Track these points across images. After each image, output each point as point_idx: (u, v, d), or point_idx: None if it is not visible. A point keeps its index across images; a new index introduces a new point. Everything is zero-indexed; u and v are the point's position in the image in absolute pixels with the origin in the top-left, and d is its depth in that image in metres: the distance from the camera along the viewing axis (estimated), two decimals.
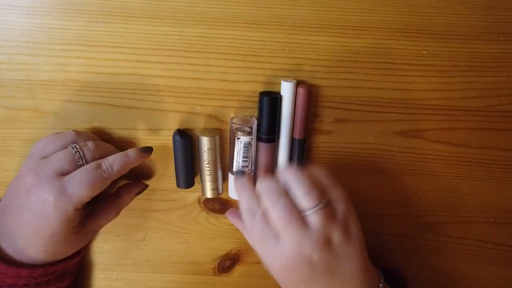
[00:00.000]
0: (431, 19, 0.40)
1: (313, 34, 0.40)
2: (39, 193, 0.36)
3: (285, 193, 0.36)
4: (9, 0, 0.39)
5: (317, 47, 0.41)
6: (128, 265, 0.50)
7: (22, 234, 0.37)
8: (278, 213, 0.35)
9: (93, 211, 0.41)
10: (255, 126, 0.42)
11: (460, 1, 0.39)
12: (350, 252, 0.36)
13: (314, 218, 0.35)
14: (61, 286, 0.41)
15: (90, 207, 0.39)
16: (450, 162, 0.45)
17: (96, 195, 0.38)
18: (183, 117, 0.44)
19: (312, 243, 0.34)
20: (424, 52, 0.41)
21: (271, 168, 0.44)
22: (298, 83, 0.42)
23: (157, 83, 0.42)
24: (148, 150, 0.41)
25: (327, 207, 0.35)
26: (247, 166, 0.43)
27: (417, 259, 0.50)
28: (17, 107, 0.43)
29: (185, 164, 0.44)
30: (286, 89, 0.41)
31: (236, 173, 0.40)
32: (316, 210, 0.35)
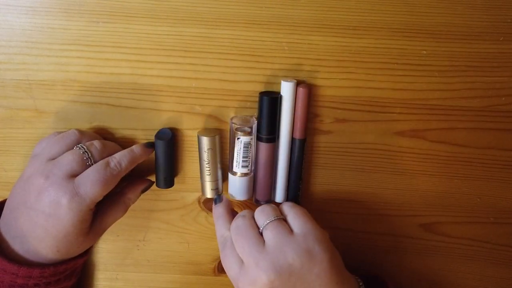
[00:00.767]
0: (431, 19, 0.40)
1: (313, 34, 0.40)
2: (51, 195, 0.36)
3: (250, 217, 0.39)
4: (9, 0, 0.39)
5: (317, 47, 0.41)
6: (128, 265, 0.50)
7: (34, 235, 0.37)
8: (238, 237, 0.37)
9: (101, 211, 0.41)
10: (255, 126, 0.42)
11: (460, 1, 0.39)
12: (315, 272, 0.35)
13: (268, 232, 0.37)
14: (68, 285, 0.42)
15: (97, 206, 0.40)
16: (450, 162, 0.45)
17: (106, 193, 0.38)
18: (183, 117, 0.44)
19: (269, 265, 0.35)
20: (424, 52, 0.41)
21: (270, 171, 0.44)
22: (298, 83, 0.42)
23: (157, 83, 0.42)
24: (152, 145, 0.42)
25: (278, 220, 0.37)
26: (247, 166, 0.43)
27: (417, 259, 0.50)
28: (17, 107, 0.43)
29: (163, 164, 0.43)
30: (286, 89, 0.41)
31: (214, 201, 0.43)
32: (268, 225, 0.37)
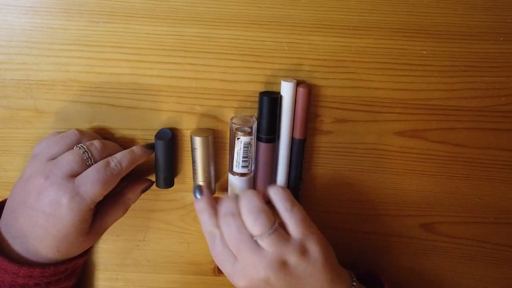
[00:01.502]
0: (431, 19, 0.40)
1: (313, 34, 0.40)
2: (51, 195, 0.36)
3: (239, 216, 0.37)
4: (9, 0, 0.39)
5: (317, 47, 0.41)
6: (128, 265, 0.50)
7: (34, 235, 0.37)
8: (231, 237, 0.36)
9: (101, 211, 0.41)
10: (255, 126, 0.42)
11: (460, 1, 0.39)
12: (309, 271, 0.36)
13: (265, 243, 0.36)
14: (68, 285, 0.42)
15: (97, 206, 0.40)
16: (450, 162, 0.45)
17: (107, 193, 0.38)
18: (183, 117, 0.44)
19: (266, 265, 0.35)
20: (424, 52, 0.41)
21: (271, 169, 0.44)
22: (298, 83, 0.42)
23: (157, 83, 0.42)
24: (152, 147, 0.42)
25: (277, 232, 0.36)
26: (247, 166, 0.43)
27: (417, 259, 0.50)
28: (17, 107, 0.43)
29: (163, 165, 0.43)
30: (286, 89, 0.41)
31: (194, 191, 0.41)
32: (265, 237, 0.36)
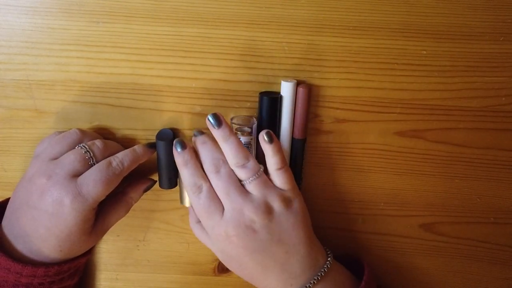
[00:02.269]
0: (431, 19, 0.40)
1: (313, 34, 0.40)
2: (54, 195, 0.36)
3: (226, 163, 0.38)
4: (9, 0, 0.39)
5: (317, 47, 0.41)
6: (128, 265, 0.50)
7: (37, 235, 0.37)
8: (219, 183, 0.37)
9: (103, 210, 0.41)
10: (255, 126, 0.42)
11: (460, 1, 0.39)
12: (291, 222, 0.38)
13: (252, 187, 0.38)
14: (71, 284, 0.42)
15: (99, 206, 0.40)
16: (450, 162, 0.45)
17: (109, 193, 0.38)
18: (183, 117, 0.44)
19: (252, 208, 0.37)
20: (424, 52, 0.41)
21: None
22: (298, 83, 0.42)
23: (157, 83, 0.42)
24: (154, 146, 0.42)
25: (263, 176, 0.38)
26: None
27: (417, 259, 0.50)
28: (17, 107, 0.43)
29: (166, 165, 0.43)
30: (286, 89, 0.41)
31: (175, 145, 0.39)
32: (252, 180, 0.38)
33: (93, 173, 0.37)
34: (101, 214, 0.41)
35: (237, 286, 0.51)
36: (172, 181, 0.44)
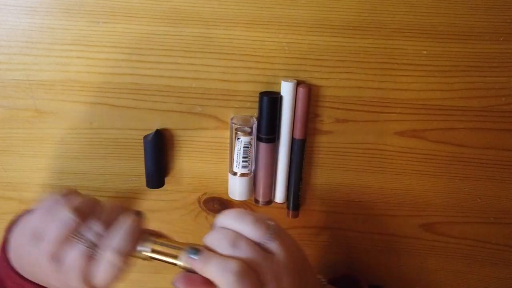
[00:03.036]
0: (431, 19, 0.40)
1: (313, 34, 0.40)
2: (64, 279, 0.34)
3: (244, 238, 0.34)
4: (9, 0, 0.39)
5: (317, 47, 0.41)
6: (128, 265, 0.50)
7: (43, 273, 0.35)
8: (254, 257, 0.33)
9: None
10: (255, 126, 0.42)
11: (460, 1, 0.39)
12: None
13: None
14: None
15: None
16: (450, 162, 0.45)
17: None
18: (183, 117, 0.44)
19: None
20: (424, 52, 0.41)
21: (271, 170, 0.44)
22: (298, 83, 0.42)
23: (157, 83, 0.42)
24: (139, 213, 0.37)
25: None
26: (247, 166, 0.43)
27: (417, 259, 0.50)
28: (17, 107, 0.43)
29: (153, 164, 0.43)
30: (286, 89, 0.41)
31: (189, 252, 0.33)
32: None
33: (101, 272, 0.33)
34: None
35: None
36: (160, 180, 0.44)
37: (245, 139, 0.41)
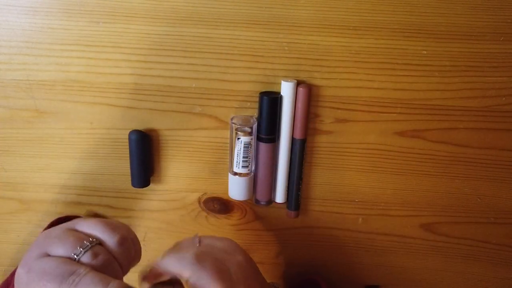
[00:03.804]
0: (431, 19, 0.40)
1: (313, 34, 0.40)
2: None
3: None
4: (9, 0, 0.39)
5: (317, 47, 0.41)
6: None
7: None
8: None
9: None
10: (255, 126, 0.42)
11: (460, 1, 0.39)
12: (237, 260, 0.34)
13: None
14: None
15: None
16: (450, 162, 0.45)
17: None
18: (183, 117, 0.44)
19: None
20: (424, 52, 0.41)
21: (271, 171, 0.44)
22: (298, 83, 0.42)
23: (157, 83, 0.42)
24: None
25: None
26: (248, 166, 0.43)
27: (417, 259, 0.50)
28: (17, 107, 0.43)
29: (139, 163, 0.43)
30: (286, 89, 0.41)
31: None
32: None
33: None
34: None
35: None
36: (145, 180, 0.44)
37: (245, 139, 0.41)
